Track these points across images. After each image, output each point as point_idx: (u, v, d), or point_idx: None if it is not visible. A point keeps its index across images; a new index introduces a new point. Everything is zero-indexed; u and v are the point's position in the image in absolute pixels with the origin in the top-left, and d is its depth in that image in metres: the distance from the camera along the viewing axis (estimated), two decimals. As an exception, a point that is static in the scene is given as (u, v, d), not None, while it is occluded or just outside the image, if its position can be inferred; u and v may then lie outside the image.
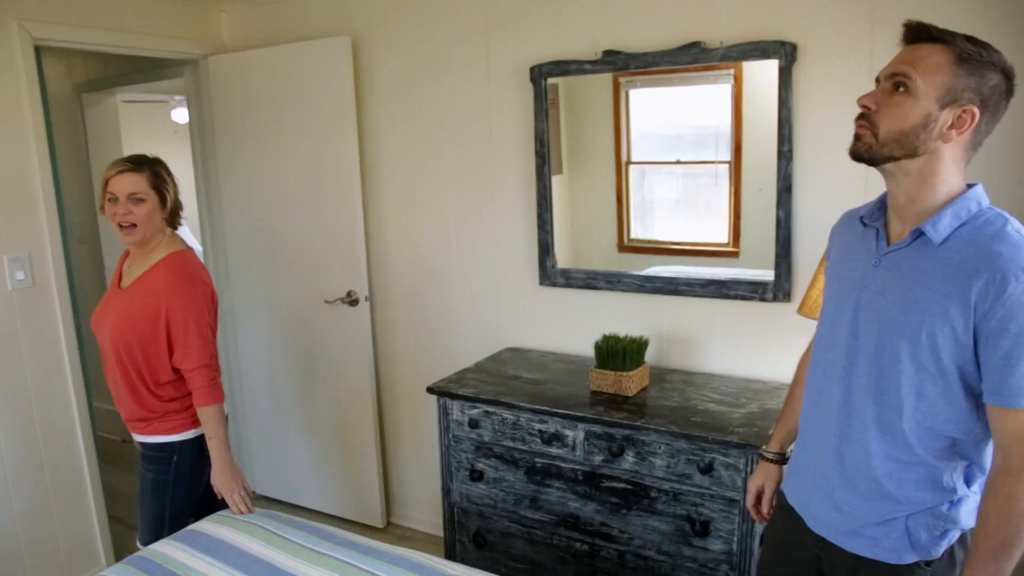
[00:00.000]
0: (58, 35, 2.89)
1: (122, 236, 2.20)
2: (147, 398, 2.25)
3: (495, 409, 2.46)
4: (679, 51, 2.43)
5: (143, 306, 2.19)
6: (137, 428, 2.31)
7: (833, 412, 1.45)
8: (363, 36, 3.14)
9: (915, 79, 1.27)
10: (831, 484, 1.46)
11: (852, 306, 1.42)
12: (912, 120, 1.28)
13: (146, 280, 2.22)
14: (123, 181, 2.14)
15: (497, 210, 2.96)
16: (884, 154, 1.31)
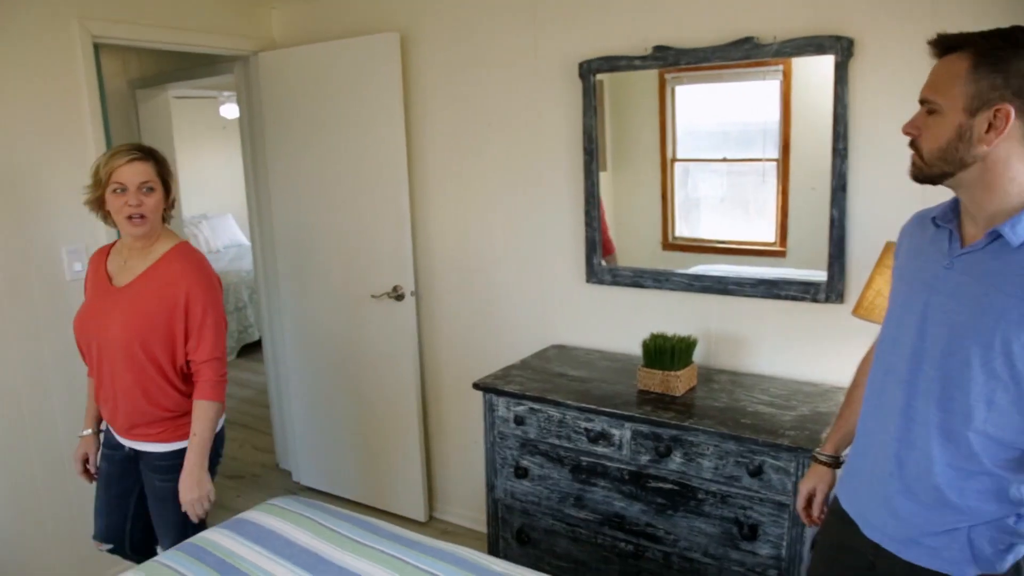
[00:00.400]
0: (115, 33, 2.96)
1: (130, 228, 2.07)
2: (170, 395, 2.15)
3: (541, 406, 2.46)
4: (731, 47, 2.40)
5: (158, 299, 2.09)
6: (153, 436, 2.17)
7: (894, 416, 1.41)
8: (411, 32, 3.15)
9: (936, 100, 1.27)
10: (889, 490, 1.42)
11: (920, 308, 1.38)
12: (946, 136, 1.26)
13: (158, 272, 2.12)
14: (133, 170, 2.03)
15: (544, 207, 2.95)
16: (936, 173, 1.31)
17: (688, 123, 2.66)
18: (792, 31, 2.30)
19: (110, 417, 2.23)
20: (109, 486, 2.31)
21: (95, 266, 2.22)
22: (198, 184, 7.75)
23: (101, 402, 2.24)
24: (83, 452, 2.33)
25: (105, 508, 2.32)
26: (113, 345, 2.10)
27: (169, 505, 2.22)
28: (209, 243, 7.93)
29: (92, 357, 2.18)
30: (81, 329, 2.18)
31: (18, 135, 2.67)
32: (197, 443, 2.14)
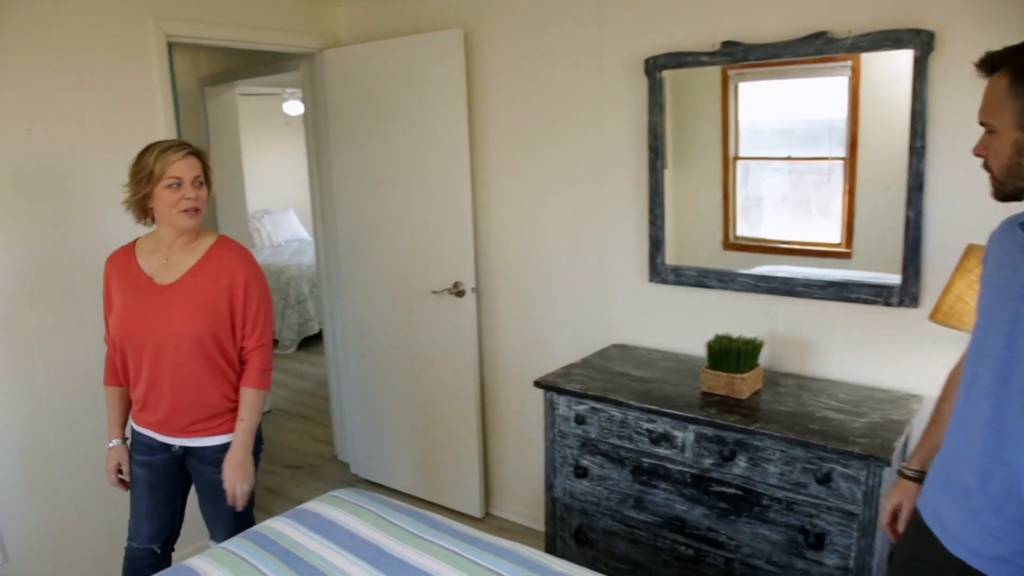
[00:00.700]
0: (188, 32, 3.04)
1: (186, 221, 2.09)
2: (234, 384, 2.21)
3: (603, 406, 2.44)
4: (803, 42, 2.33)
5: (216, 291, 2.13)
6: (212, 429, 2.21)
7: (981, 429, 1.35)
8: (475, 28, 3.15)
9: (990, 121, 1.30)
10: (976, 506, 1.36)
11: (1009, 316, 1.32)
12: (1005, 153, 1.28)
13: (210, 265, 2.15)
14: (188, 165, 2.07)
15: (607, 204, 2.93)
16: (1011, 190, 1.32)
17: (751, 121, 2.61)
18: (868, 25, 2.22)
19: (161, 419, 2.19)
20: (154, 491, 2.27)
21: (122, 268, 2.17)
22: (261, 180, 7.92)
23: (147, 405, 2.18)
24: (116, 462, 2.28)
25: (152, 513, 2.29)
26: (177, 341, 2.11)
27: (224, 497, 2.27)
28: (271, 237, 8.09)
29: (141, 359, 2.14)
30: (129, 331, 2.12)
31: (94, 131, 2.75)
32: (244, 429, 2.20)
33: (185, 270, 2.15)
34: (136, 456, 2.27)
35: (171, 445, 2.24)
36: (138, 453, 2.26)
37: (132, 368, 2.18)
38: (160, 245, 2.17)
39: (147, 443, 2.24)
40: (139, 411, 2.23)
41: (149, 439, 2.24)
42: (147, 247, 2.19)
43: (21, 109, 2.57)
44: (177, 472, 2.29)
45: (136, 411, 2.24)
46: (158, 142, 2.09)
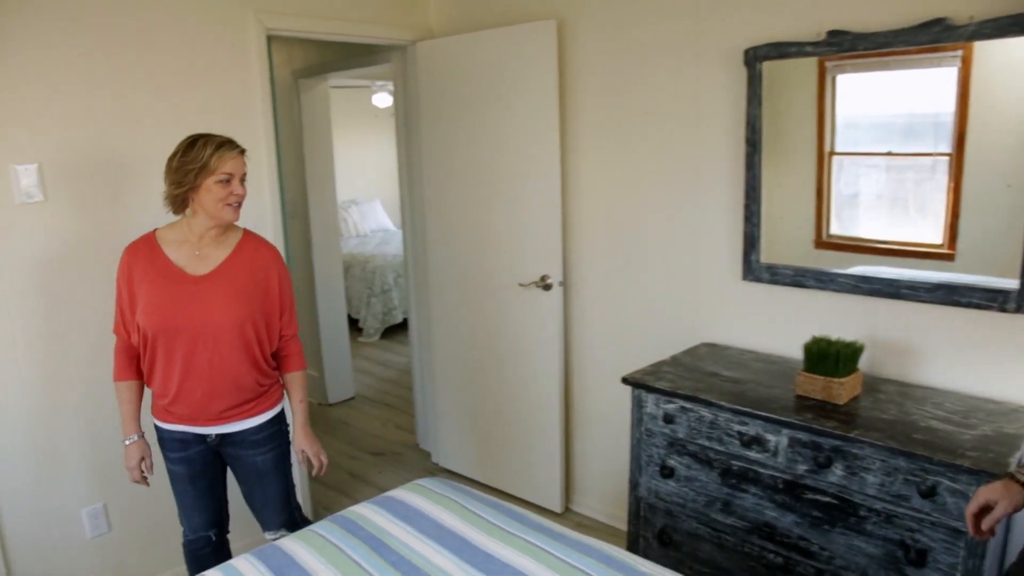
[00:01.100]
0: (287, 25, 3.11)
1: (230, 214, 2.15)
2: (265, 369, 2.28)
3: (692, 406, 2.38)
4: (918, 29, 2.20)
5: (252, 280, 2.21)
6: (246, 412, 2.27)
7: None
8: (568, 19, 3.12)
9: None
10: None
11: None
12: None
13: (244, 256, 2.23)
14: (239, 162, 2.14)
15: (699, 200, 2.85)
16: None
17: (848, 114, 2.48)
18: (992, 9, 2.08)
19: (195, 409, 2.22)
20: (195, 483, 2.32)
21: (147, 259, 2.17)
22: (349, 171, 8.09)
23: (180, 396, 2.20)
24: (139, 457, 2.27)
25: (198, 503, 2.35)
26: (217, 330, 2.15)
27: (270, 477, 2.35)
28: (357, 227, 8.26)
29: (174, 349, 2.15)
30: (166, 321, 2.13)
31: (197, 123, 2.82)
32: (304, 407, 2.38)
33: (219, 261, 2.20)
34: (169, 454, 2.29)
35: (206, 435, 2.27)
36: (171, 451, 2.29)
37: (163, 359, 2.17)
38: (190, 236, 2.19)
39: (179, 439, 2.27)
40: (168, 405, 2.22)
41: (181, 434, 2.26)
42: (172, 238, 2.20)
43: (132, 101, 2.69)
44: (214, 460, 2.34)
45: (163, 407, 2.24)
46: (208, 136, 2.11)
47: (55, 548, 2.69)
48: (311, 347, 5.06)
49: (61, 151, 2.55)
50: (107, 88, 2.63)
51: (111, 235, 2.62)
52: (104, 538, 2.80)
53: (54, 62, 2.50)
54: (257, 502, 2.39)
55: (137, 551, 2.88)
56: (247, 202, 2.98)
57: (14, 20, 2.41)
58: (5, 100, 2.42)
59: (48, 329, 2.60)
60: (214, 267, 2.19)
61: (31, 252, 2.53)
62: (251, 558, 1.98)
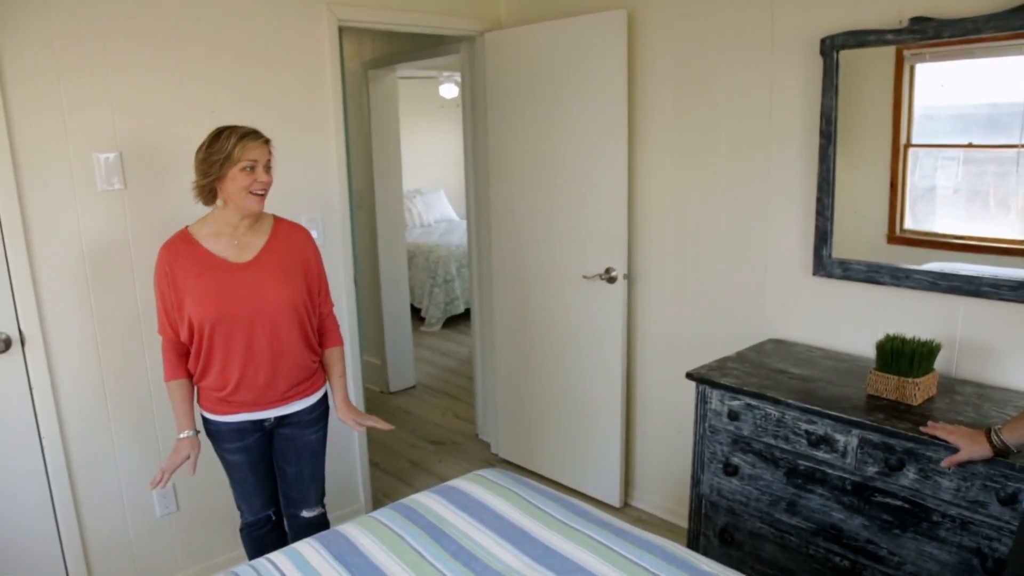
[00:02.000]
0: (358, 16, 3.14)
1: (255, 204, 2.18)
2: (316, 347, 2.39)
3: (758, 403, 2.33)
4: (1011, 14, 2.09)
5: (293, 263, 2.29)
6: (301, 391, 2.35)
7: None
8: (639, 9, 3.08)
9: None
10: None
11: None
12: None
13: (280, 241, 2.29)
14: (263, 151, 2.17)
15: (770, 193, 2.79)
16: None
17: (926, 105, 2.38)
18: (1090, -4, 1.97)
19: (258, 394, 2.27)
20: (255, 469, 2.39)
21: (188, 255, 2.20)
22: (414, 161, 8.15)
23: (242, 384, 2.24)
24: (185, 455, 2.27)
25: (260, 487, 2.43)
26: (273, 312, 2.22)
27: (319, 456, 2.47)
28: (422, 217, 8.34)
29: (233, 337, 2.20)
30: (223, 310, 2.17)
31: (269, 113, 2.90)
32: (344, 381, 2.47)
33: (260, 247, 2.26)
34: (227, 446, 2.34)
35: (264, 420, 2.33)
36: (228, 442, 2.33)
37: (221, 349, 2.21)
38: (224, 228, 2.23)
39: (238, 429, 2.31)
40: (228, 396, 2.26)
41: (240, 423, 2.30)
42: (207, 231, 2.23)
43: (207, 92, 2.76)
44: (268, 446, 2.41)
45: (220, 399, 2.27)
46: (233, 127, 2.15)
47: (127, 525, 2.80)
48: (374, 335, 5.14)
49: (141, 140, 2.64)
50: (183, 78, 2.70)
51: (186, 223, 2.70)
52: (172, 517, 2.90)
53: (135, 52, 2.58)
54: (304, 481, 2.45)
55: (202, 531, 2.98)
56: (314, 192, 3.08)
57: (99, 9, 2.49)
58: (89, 88, 2.51)
59: (125, 313, 2.69)
60: (256, 253, 2.25)
61: (110, 238, 2.63)
62: (314, 543, 2.02)
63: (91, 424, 2.68)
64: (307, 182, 3.06)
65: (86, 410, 2.66)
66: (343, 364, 2.48)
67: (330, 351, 2.45)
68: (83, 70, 2.49)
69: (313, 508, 2.49)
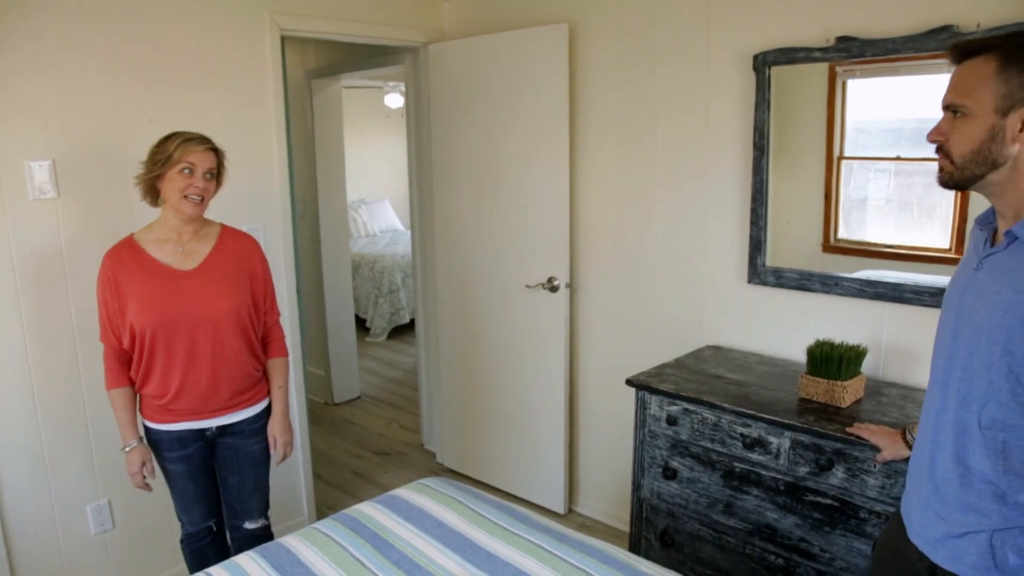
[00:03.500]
0: (301, 26, 3.14)
1: (188, 207, 2.16)
2: (260, 355, 2.38)
3: (696, 408, 2.39)
4: (925, 36, 2.22)
5: (238, 271, 2.29)
6: (244, 401, 2.34)
7: (931, 417, 1.43)
8: (580, 22, 3.14)
9: (964, 102, 1.29)
10: (924, 491, 1.44)
11: (955, 310, 1.40)
12: (979, 137, 1.28)
13: (226, 248, 2.29)
14: (205, 157, 2.16)
15: (706, 203, 2.87)
16: (967, 176, 1.32)
17: (858, 119, 2.50)
18: (1000, 17, 2.09)
19: (199, 403, 2.25)
20: (196, 478, 2.35)
21: (132, 261, 2.19)
22: (360, 171, 8.13)
23: (182, 392, 2.22)
24: (141, 462, 2.27)
25: (199, 496, 2.39)
26: (217, 319, 2.22)
27: (262, 466, 2.44)
28: (367, 227, 8.29)
29: (175, 344, 2.18)
30: (164, 317, 2.16)
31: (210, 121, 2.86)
32: (285, 393, 2.44)
33: (205, 255, 2.26)
34: (167, 455, 2.30)
35: (205, 430, 2.31)
36: (169, 451, 2.30)
37: (163, 356, 2.19)
38: (169, 234, 2.23)
39: (178, 438, 2.28)
40: (168, 404, 2.24)
41: (180, 432, 2.28)
42: (152, 238, 2.23)
43: (146, 100, 2.72)
44: (210, 455, 2.38)
45: (161, 407, 2.25)
46: (183, 132, 2.18)
47: (60, 544, 2.72)
48: (318, 346, 5.09)
49: (75, 148, 2.58)
50: (121, 86, 2.66)
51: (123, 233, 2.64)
52: (108, 535, 2.83)
53: (69, 59, 2.54)
54: (247, 491, 2.42)
55: (140, 548, 2.91)
56: (256, 201, 3.06)
57: (30, 15, 2.44)
58: (20, 94, 2.45)
59: (57, 324, 2.63)
60: (201, 260, 2.25)
61: (43, 248, 2.56)
62: (255, 555, 2.00)
63: (20, 437, 2.60)
64: (249, 191, 3.04)
65: (15, 422, 2.58)
66: (286, 376, 2.46)
67: (273, 361, 2.44)
68: (14, 76, 2.43)
69: (256, 520, 2.46)
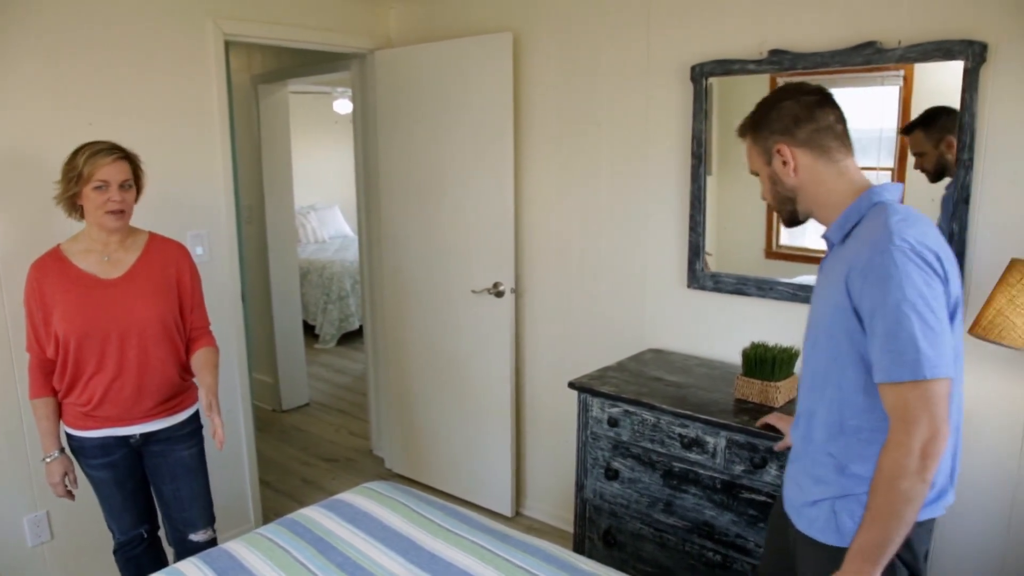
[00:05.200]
0: (245, 31, 3.12)
1: (110, 222, 2.15)
2: (187, 363, 2.36)
3: (636, 409, 2.45)
4: (852, 51, 2.32)
5: (163, 278, 2.28)
6: (169, 408, 2.32)
7: (797, 404, 1.69)
8: (524, 32, 3.19)
9: (753, 169, 1.68)
10: (792, 467, 1.68)
11: (815, 292, 1.65)
12: (770, 187, 1.65)
13: (152, 256, 2.28)
14: (116, 169, 2.12)
15: (648, 210, 2.94)
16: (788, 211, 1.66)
17: (799, 130, 2.59)
18: (918, 35, 2.20)
19: (124, 409, 2.24)
20: (122, 486, 2.33)
21: (56, 272, 2.18)
22: (308, 176, 8.05)
23: (106, 399, 2.21)
24: (62, 473, 2.26)
25: (127, 504, 2.36)
26: (142, 326, 2.21)
27: (198, 473, 2.42)
28: (316, 233, 8.23)
29: (103, 352, 2.18)
30: (88, 326, 2.15)
31: (153, 125, 2.85)
32: (214, 380, 2.32)
33: (131, 263, 2.25)
34: (91, 462, 2.28)
35: (130, 437, 2.28)
36: (92, 458, 2.27)
37: (90, 365, 2.18)
38: (95, 245, 2.22)
39: (101, 445, 2.26)
40: (92, 411, 2.22)
41: (104, 439, 2.26)
42: (78, 248, 2.22)
43: (85, 104, 2.68)
44: (137, 463, 2.35)
45: (84, 414, 2.23)
46: (90, 143, 2.14)
47: (-5, 555, 2.66)
48: (266, 353, 5.05)
49: (9, 153, 2.53)
50: (60, 89, 2.62)
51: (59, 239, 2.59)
52: (46, 546, 2.77)
53: (5, 61, 2.49)
54: (185, 500, 2.39)
55: (80, 560, 2.84)
56: (200, 206, 3.03)
57: (-36, 19, 2.39)
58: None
59: (-14, 334, 2.56)
60: (126, 270, 2.24)
61: (-23, 253, 2.51)
62: (197, 562, 1.99)
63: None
64: (192, 197, 3.01)
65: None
66: (215, 364, 2.35)
67: (203, 350, 2.36)
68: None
69: (201, 531, 2.42)
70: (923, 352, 1.31)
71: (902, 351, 1.33)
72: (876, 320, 1.36)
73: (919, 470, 1.32)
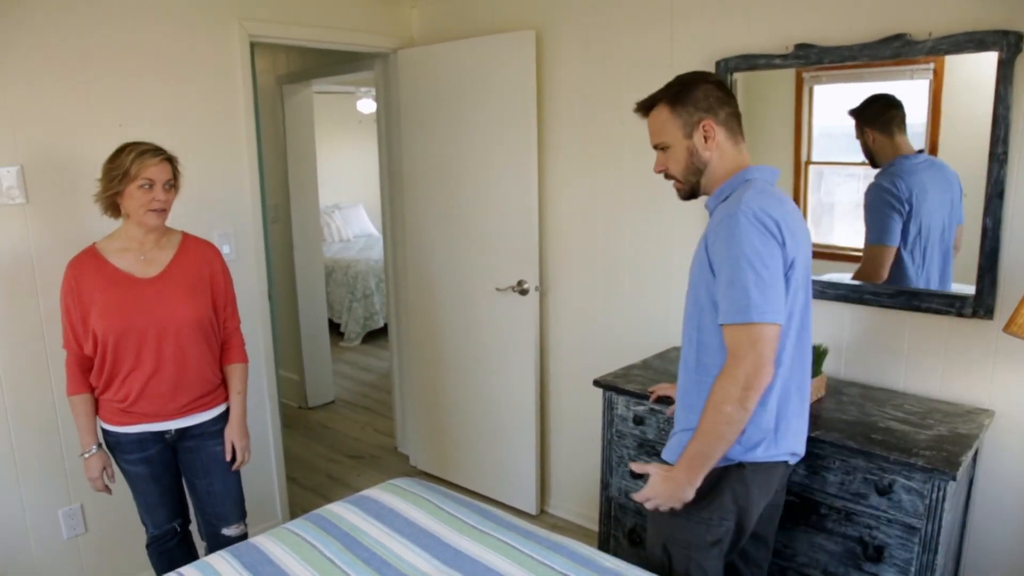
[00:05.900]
0: (270, 32, 3.15)
1: (153, 220, 2.20)
2: (219, 359, 2.42)
3: (661, 407, 2.44)
4: (880, 44, 2.28)
5: (199, 278, 2.33)
6: (205, 404, 2.37)
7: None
8: (547, 30, 3.19)
9: (662, 140, 1.81)
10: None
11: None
12: (683, 158, 1.80)
13: (188, 256, 2.33)
14: (161, 169, 2.18)
15: (673, 206, 2.91)
16: (692, 184, 1.83)
17: (825, 124, 2.56)
18: (949, 26, 2.16)
19: (161, 405, 2.28)
20: (158, 481, 2.37)
21: (93, 270, 2.22)
22: (333, 176, 8.11)
23: (144, 395, 2.25)
24: (101, 467, 2.32)
25: (163, 498, 2.40)
26: (179, 324, 2.26)
27: (229, 470, 2.45)
28: (341, 232, 8.28)
29: (141, 349, 2.22)
30: (127, 323, 2.19)
31: (180, 127, 2.89)
32: (243, 399, 2.46)
33: (167, 262, 2.29)
34: (127, 457, 2.32)
35: (165, 432, 2.33)
36: (129, 453, 2.31)
37: (128, 362, 2.22)
38: (131, 243, 2.26)
39: (138, 440, 2.30)
40: (129, 407, 2.26)
41: (140, 434, 2.29)
42: (114, 247, 2.26)
43: (115, 106, 2.72)
44: (172, 458, 2.39)
45: (121, 410, 2.27)
46: (134, 143, 2.18)
47: (31, 549, 2.71)
48: (292, 351, 5.09)
49: (44, 154, 2.58)
50: (91, 91, 2.66)
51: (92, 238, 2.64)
52: (81, 539, 2.82)
53: (38, 64, 2.53)
54: (218, 495, 2.43)
55: (114, 552, 2.90)
56: (226, 206, 3.06)
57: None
58: (-13, 100, 2.45)
59: (27, 329, 2.62)
60: (162, 268, 2.28)
61: (11, 254, 2.56)
62: (226, 555, 2.01)
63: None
64: (219, 197, 3.05)
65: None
66: (244, 383, 2.47)
67: (231, 367, 2.45)
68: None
69: (233, 525, 2.46)
70: (753, 300, 1.58)
71: (737, 298, 1.60)
72: (721, 272, 1.64)
73: (741, 399, 1.61)
